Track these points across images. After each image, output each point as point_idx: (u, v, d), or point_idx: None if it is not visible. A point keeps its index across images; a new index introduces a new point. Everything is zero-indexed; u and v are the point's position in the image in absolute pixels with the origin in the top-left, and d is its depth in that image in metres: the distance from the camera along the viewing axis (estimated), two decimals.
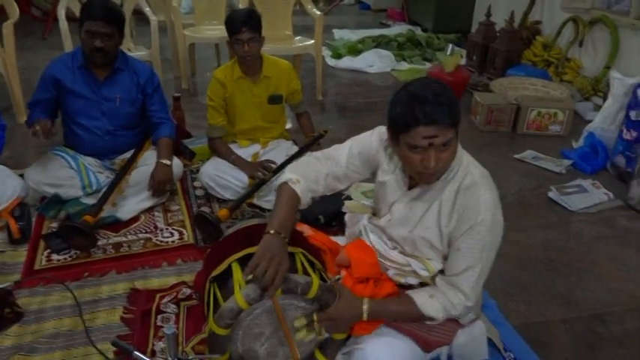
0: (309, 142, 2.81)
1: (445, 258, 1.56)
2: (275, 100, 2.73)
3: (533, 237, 2.56)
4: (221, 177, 2.63)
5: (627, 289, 2.21)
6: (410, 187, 1.58)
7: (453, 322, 1.57)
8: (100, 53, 2.40)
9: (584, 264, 2.37)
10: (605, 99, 3.67)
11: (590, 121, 3.58)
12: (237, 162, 2.66)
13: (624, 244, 2.54)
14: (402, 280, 1.64)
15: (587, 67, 4.72)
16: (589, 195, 2.91)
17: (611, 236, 2.60)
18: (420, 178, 1.48)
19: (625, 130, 3.09)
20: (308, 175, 1.65)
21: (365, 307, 1.49)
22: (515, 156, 3.42)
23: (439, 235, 1.52)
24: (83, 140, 2.57)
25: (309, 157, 1.72)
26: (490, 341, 1.73)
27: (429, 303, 1.50)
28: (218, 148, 2.74)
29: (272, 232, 1.45)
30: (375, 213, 1.77)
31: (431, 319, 1.52)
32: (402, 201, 1.59)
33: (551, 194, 2.92)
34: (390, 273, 1.66)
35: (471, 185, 1.46)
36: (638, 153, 2.84)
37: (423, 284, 1.62)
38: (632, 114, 3.03)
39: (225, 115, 2.72)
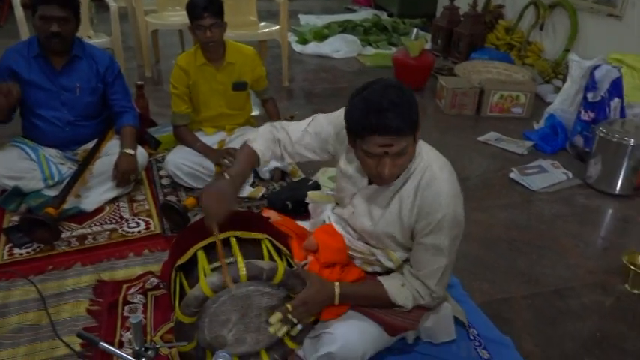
0: None
1: (410, 249, 1.58)
2: (239, 86, 2.71)
3: (495, 217, 2.62)
4: (187, 165, 2.60)
5: (585, 264, 2.29)
6: (370, 182, 1.58)
7: (420, 308, 1.60)
8: (57, 39, 2.34)
9: (544, 242, 2.44)
10: (564, 81, 3.76)
11: (550, 103, 3.66)
12: (203, 150, 2.64)
13: (582, 222, 2.62)
14: (369, 269, 1.67)
15: (547, 51, 4.81)
16: (549, 175, 2.99)
17: (570, 214, 2.68)
18: (375, 180, 1.48)
19: (583, 112, 3.17)
20: (265, 140, 1.67)
21: (337, 289, 1.50)
22: (479, 138, 3.48)
23: (401, 229, 1.53)
24: (43, 132, 2.51)
25: (267, 126, 1.73)
26: (456, 319, 1.78)
27: (399, 292, 1.53)
28: (183, 137, 2.71)
29: (226, 176, 1.51)
30: (338, 202, 1.78)
31: (400, 306, 1.55)
32: (364, 194, 1.59)
33: (512, 175, 2.99)
34: (357, 262, 1.69)
35: (430, 181, 1.46)
36: (595, 133, 2.92)
37: (390, 272, 1.65)
38: (589, 95, 3.11)
39: (189, 102, 2.69)
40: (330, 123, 1.67)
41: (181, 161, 2.61)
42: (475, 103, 3.89)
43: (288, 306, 1.47)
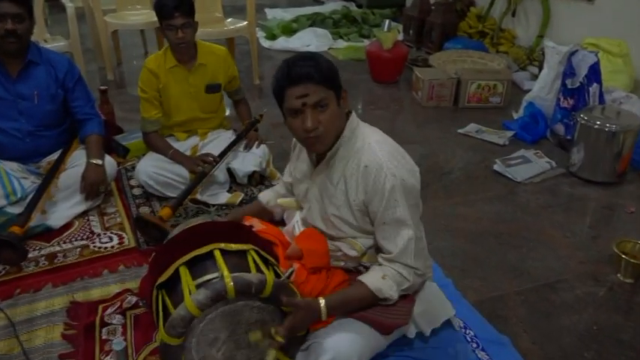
0: (245, 129, 2.75)
1: (371, 233, 1.58)
2: (213, 89, 2.65)
3: (481, 210, 2.63)
4: (160, 174, 2.53)
5: (575, 255, 2.31)
6: (316, 165, 1.63)
7: (406, 301, 1.59)
8: (12, 38, 2.24)
9: (532, 234, 2.45)
10: (540, 68, 3.80)
11: (527, 91, 3.70)
12: (176, 157, 2.57)
13: (569, 211, 2.65)
14: (341, 264, 1.66)
15: (521, 37, 4.86)
16: (532, 165, 3.01)
17: (556, 204, 2.70)
18: (307, 145, 1.53)
19: (562, 99, 3.21)
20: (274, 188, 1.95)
21: (322, 307, 1.47)
22: (459, 130, 3.49)
23: (351, 212, 1.55)
24: (2, 144, 2.40)
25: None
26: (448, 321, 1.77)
27: (381, 284, 1.50)
28: (154, 143, 2.63)
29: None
30: (302, 207, 1.79)
31: (386, 299, 1.52)
32: (314, 184, 1.64)
33: (496, 167, 3.00)
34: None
35: (371, 155, 1.50)
36: (576, 120, 2.95)
37: (364, 266, 1.64)
38: (568, 82, 3.15)
39: (159, 107, 2.62)
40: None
41: (153, 170, 2.53)
42: (452, 94, 3.91)
43: (274, 331, 1.43)
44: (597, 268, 2.22)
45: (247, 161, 2.68)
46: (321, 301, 1.48)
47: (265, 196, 1.96)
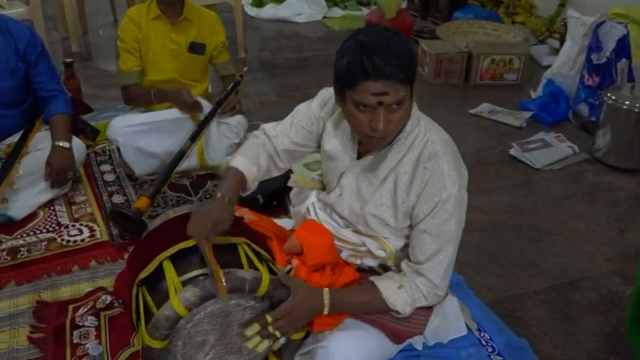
0: (226, 92, 2.74)
1: (405, 236, 1.57)
2: (196, 48, 2.66)
3: (497, 201, 2.66)
4: (139, 132, 2.57)
5: (601, 251, 2.35)
6: (359, 156, 1.57)
7: (424, 310, 1.60)
8: None
9: (553, 226, 2.49)
10: (562, 41, 3.82)
11: (547, 67, 3.73)
12: (162, 95, 2.61)
13: (593, 202, 2.68)
14: (358, 262, 1.65)
15: (539, 6, 4.88)
16: (553, 150, 3.04)
17: (579, 194, 2.74)
18: (368, 142, 1.47)
19: (587, 76, 3.23)
20: (247, 152, 1.69)
21: (326, 299, 1.47)
22: (471, 111, 3.51)
23: (394, 212, 1.53)
24: None
25: (249, 138, 1.76)
26: None
27: (396, 295, 1.51)
28: (135, 96, 2.69)
29: (218, 195, 1.53)
30: (324, 187, 1.76)
31: (397, 312, 1.53)
32: (352, 172, 1.58)
33: (512, 151, 3.03)
34: (344, 255, 1.67)
35: (432, 156, 1.45)
36: (602, 100, 2.98)
37: (382, 266, 1.64)
38: (594, 57, 3.17)
39: (139, 59, 2.66)
40: (311, 102, 1.68)
41: (132, 127, 2.57)
42: (463, 70, 3.93)
43: (268, 318, 1.43)
44: (625, 264, 2.26)
45: (221, 142, 2.69)
46: (325, 291, 1.48)
47: (244, 166, 1.65)
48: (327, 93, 1.64)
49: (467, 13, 4.79)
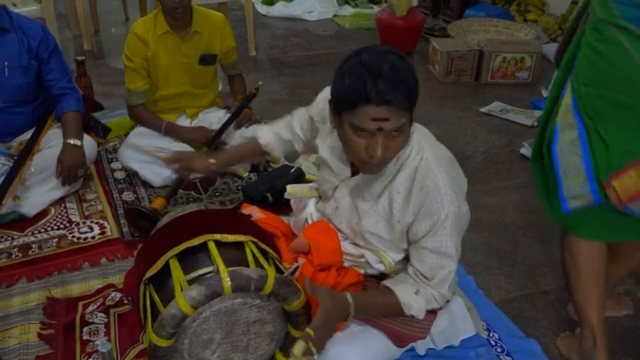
0: (240, 105, 2.74)
1: (404, 250, 1.57)
2: (208, 60, 2.63)
3: (507, 200, 2.64)
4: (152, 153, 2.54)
5: None
6: (354, 173, 1.56)
7: (430, 314, 1.59)
8: None
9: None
10: None
11: None
12: (172, 130, 2.59)
13: None
14: (361, 272, 1.66)
15: (552, 4, 4.84)
16: None
17: None
18: (362, 166, 1.44)
19: None
20: (276, 123, 1.85)
21: (350, 300, 1.45)
22: (482, 109, 3.49)
23: (390, 230, 1.52)
24: None
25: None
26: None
27: (413, 301, 1.50)
28: (142, 118, 2.65)
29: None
30: (321, 196, 1.76)
31: (411, 316, 1.53)
32: (346, 185, 1.57)
33: (523, 150, 3.00)
34: (346, 265, 1.67)
35: (427, 175, 1.43)
36: None
37: (384, 275, 1.64)
38: None
39: (147, 77, 2.61)
40: (313, 105, 1.72)
41: (141, 155, 2.54)
42: (474, 68, 3.90)
43: (310, 331, 1.38)
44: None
45: None
46: (347, 295, 1.45)
47: (266, 137, 1.84)
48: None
49: (478, 10, 4.76)
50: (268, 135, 1.84)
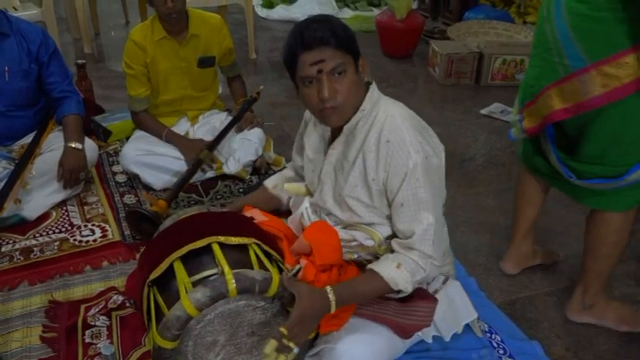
0: (241, 108, 2.76)
1: (389, 217, 1.59)
2: (206, 62, 2.65)
3: (508, 202, 2.62)
4: (149, 160, 2.54)
5: None
6: (331, 142, 1.64)
7: (428, 301, 1.60)
8: None
9: (565, 228, 2.47)
10: None
11: None
12: (172, 139, 2.60)
13: None
14: (355, 257, 1.66)
15: None
16: None
17: None
18: (323, 118, 1.53)
19: None
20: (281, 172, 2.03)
21: (331, 296, 1.45)
22: (482, 111, 3.50)
23: (368, 192, 1.56)
24: None
25: None
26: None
27: (396, 274, 1.49)
28: (145, 124, 2.67)
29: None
30: (312, 192, 1.81)
31: (400, 292, 1.53)
32: (329, 163, 1.65)
33: None
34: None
35: (393, 129, 1.50)
36: None
37: (377, 258, 1.63)
38: None
39: (148, 83, 2.63)
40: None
41: (140, 153, 2.55)
42: (474, 70, 3.92)
43: (283, 330, 1.40)
44: (638, 266, 2.24)
45: (242, 152, 2.68)
46: (327, 289, 1.46)
47: (270, 182, 1.99)
48: None
49: (478, 13, 4.78)
50: (274, 179, 2.01)
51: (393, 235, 1.59)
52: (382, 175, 1.51)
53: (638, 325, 1.93)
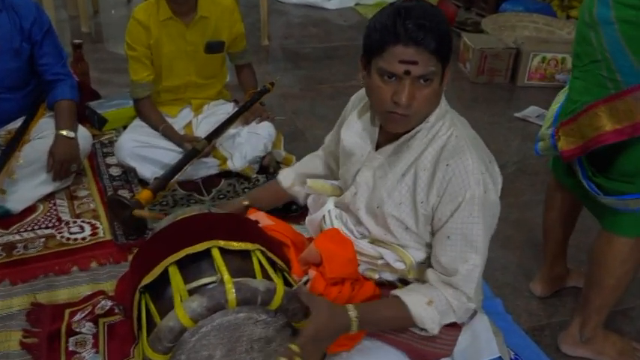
0: (251, 99, 2.76)
1: (427, 245, 1.57)
2: (214, 47, 2.66)
3: (540, 215, 2.60)
4: (145, 153, 2.56)
5: None
6: (378, 147, 1.59)
7: (452, 329, 1.59)
8: None
9: None
10: None
11: None
12: (169, 134, 2.62)
13: None
14: (376, 277, 1.65)
15: None
16: None
17: None
18: (387, 120, 1.48)
19: None
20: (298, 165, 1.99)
21: (352, 314, 1.45)
22: (516, 114, 3.49)
23: (414, 214, 1.52)
24: None
25: None
26: None
27: (425, 313, 1.49)
28: (146, 113, 2.69)
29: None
30: (341, 189, 1.77)
31: (424, 330, 1.52)
32: (369, 166, 1.60)
33: None
34: (361, 268, 1.66)
35: (456, 152, 1.45)
36: None
37: (402, 280, 1.63)
38: None
39: (151, 67, 2.64)
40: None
41: (137, 145, 2.57)
42: (509, 68, 3.91)
43: (294, 347, 1.39)
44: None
45: (249, 147, 2.69)
46: (349, 307, 1.45)
47: (287, 178, 1.94)
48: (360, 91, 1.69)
49: (516, 4, 4.76)
50: (290, 175, 1.97)
51: (427, 260, 1.58)
52: (433, 199, 1.47)
53: None
